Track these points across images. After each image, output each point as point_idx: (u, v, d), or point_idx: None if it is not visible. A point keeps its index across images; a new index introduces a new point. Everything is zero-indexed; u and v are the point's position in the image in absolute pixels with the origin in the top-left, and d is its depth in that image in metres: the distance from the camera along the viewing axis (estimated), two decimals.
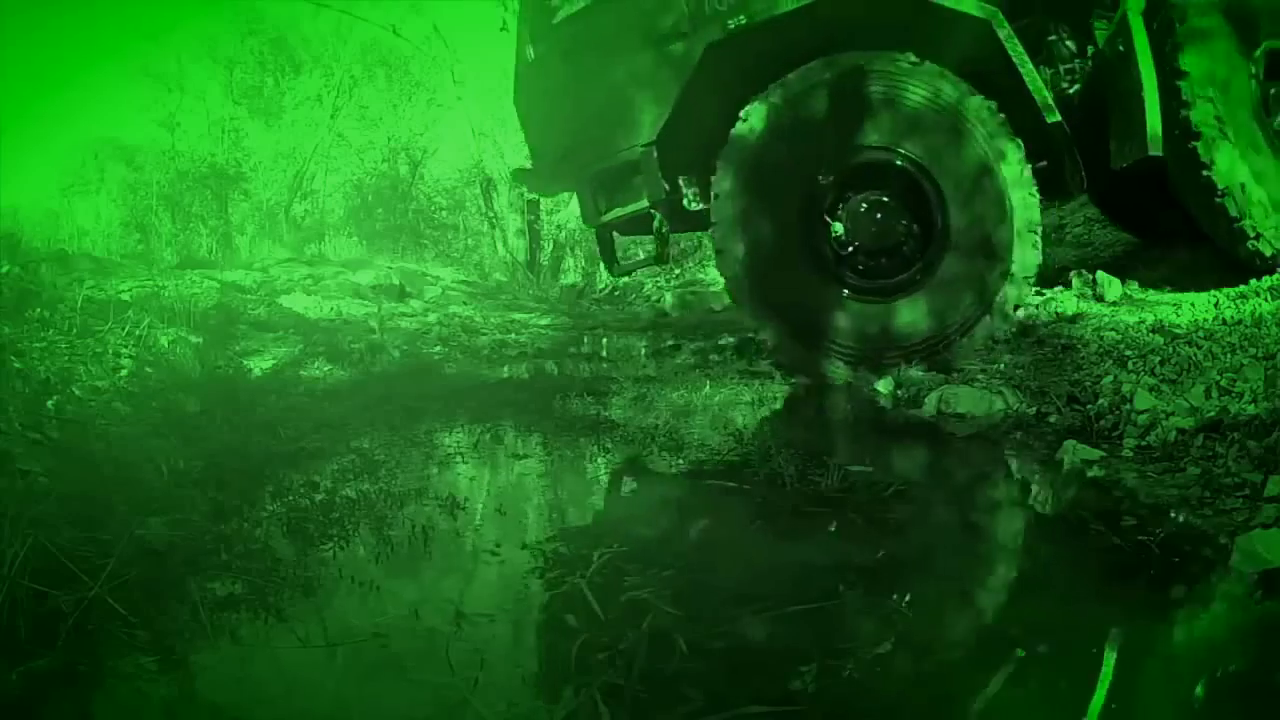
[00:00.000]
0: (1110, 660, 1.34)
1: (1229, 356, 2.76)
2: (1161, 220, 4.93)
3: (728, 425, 3.09)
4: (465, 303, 8.26)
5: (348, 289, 7.73)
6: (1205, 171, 3.65)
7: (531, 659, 1.46)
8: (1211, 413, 2.36)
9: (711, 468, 2.50)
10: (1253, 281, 3.65)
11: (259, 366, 4.28)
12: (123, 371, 3.48)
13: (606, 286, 9.67)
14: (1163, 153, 3.45)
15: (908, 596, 1.56)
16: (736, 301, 3.89)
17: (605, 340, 6.32)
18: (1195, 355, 2.85)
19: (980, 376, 3.31)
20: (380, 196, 17.03)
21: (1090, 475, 2.22)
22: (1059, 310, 3.97)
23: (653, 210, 4.10)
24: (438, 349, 5.29)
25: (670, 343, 5.44)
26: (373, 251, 13.94)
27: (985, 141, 3.40)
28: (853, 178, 3.64)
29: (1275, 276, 3.63)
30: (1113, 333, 3.39)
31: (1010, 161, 3.41)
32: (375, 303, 6.69)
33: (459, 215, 16.03)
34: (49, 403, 2.80)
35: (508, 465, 2.67)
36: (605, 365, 4.94)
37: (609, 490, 2.49)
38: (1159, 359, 2.91)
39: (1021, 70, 3.40)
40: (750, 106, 3.67)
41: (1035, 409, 2.85)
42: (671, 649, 1.34)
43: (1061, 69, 4.05)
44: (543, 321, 7.35)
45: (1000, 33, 3.37)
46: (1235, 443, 2.16)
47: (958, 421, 2.93)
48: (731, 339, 5.03)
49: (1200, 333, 3.08)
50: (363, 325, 5.84)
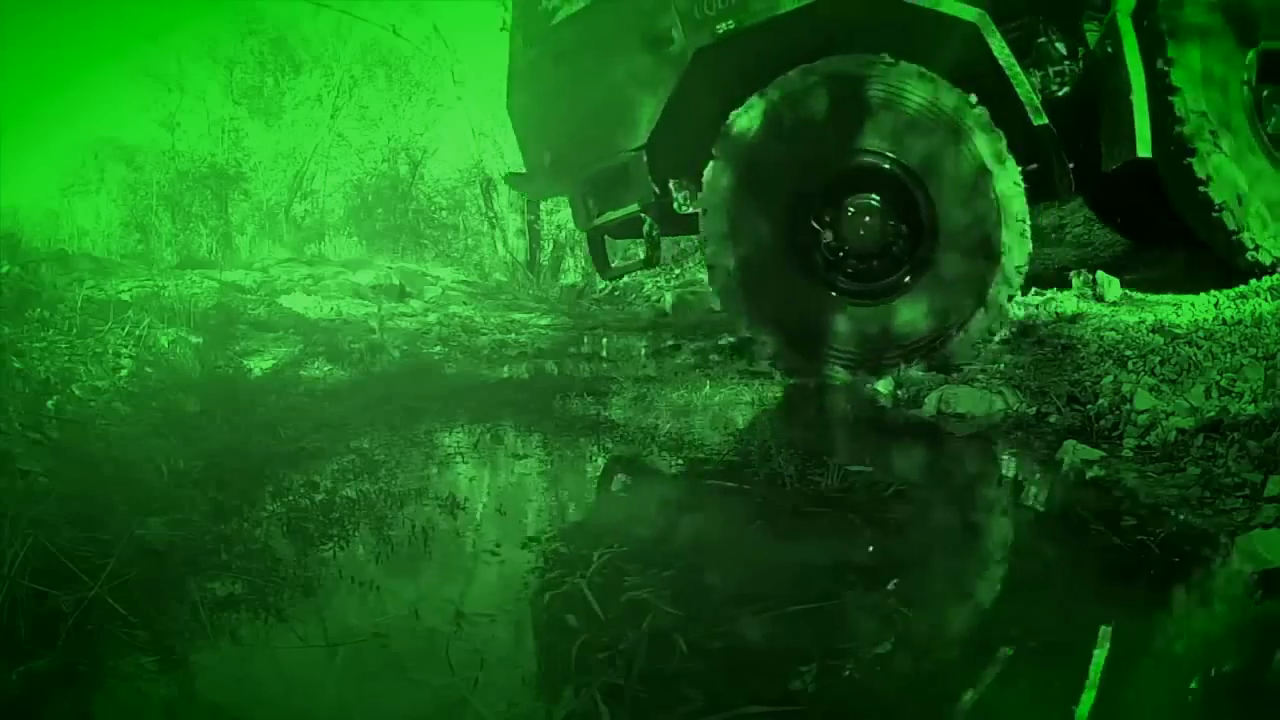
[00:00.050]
0: (1110, 660, 1.34)
1: (1229, 356, 2.76)
2: (1157, 223, 4.93)
3: (728, 425, 3.09)
4: (465, 303, 8.25)
5: (348, 289, 7.72)
6: (1201, 188, 3.65)
7: (531, 659, 1.46)
8: (1211, 413, 2.36)
9: (711, 468, 2.50)
10: (1253, 281, 3.66)
11: (259, 366, 4.28)
12: (123, 371, 3.48)
13: (606, 286, 9.67)
14: (1151, 154, 3.44)
15: (908, 596, 1.56)
16: (729, 311, 3.87)
17: (605, 340, 6.32)
18: (1195, 355, 2.85)
19: (980, 376, 3.31)
20: (380, 196, 17.05)
21: (1090, 475, 2.22)
22: (1059, 310, 3.97)
23: (643, 214, 4.11)
24: (438, 349, 5.29)
25: (670, 343, 5.44)
26: (373, 251, 13.94)
27: (967, 135, 3.40)
28: (840, 179, 3.64)
29: (1275, 276, 3.63)
30: (1113, 333, 3.39)
31: (993, 154, 3.40)
32: (375, 303, 6.68)
33: (459, 215, 16.05)
34: (49, 403, 2.80)
35: (508, 465, 2.66)
36: (605, 365, 4.93)
37: (609, 490, 2.49)
38: (1159, 359, 2.91)
39: (1008, 72, 3.40)
40: (744, 107, 3.68)
41: (1035, 409, 2.85)
42: (671, 649, 1.34)
43: (1051, 71, 4.04)
44: (543, 321, 7.35)
45: (986, 35, 3.38)
46: (1235, 443, 2.16)
47: (958, 421, 2.93)
48: (731, 339, 5.02)
49: (1200, 333, 3.08)
50: (363, 325, 5.84)
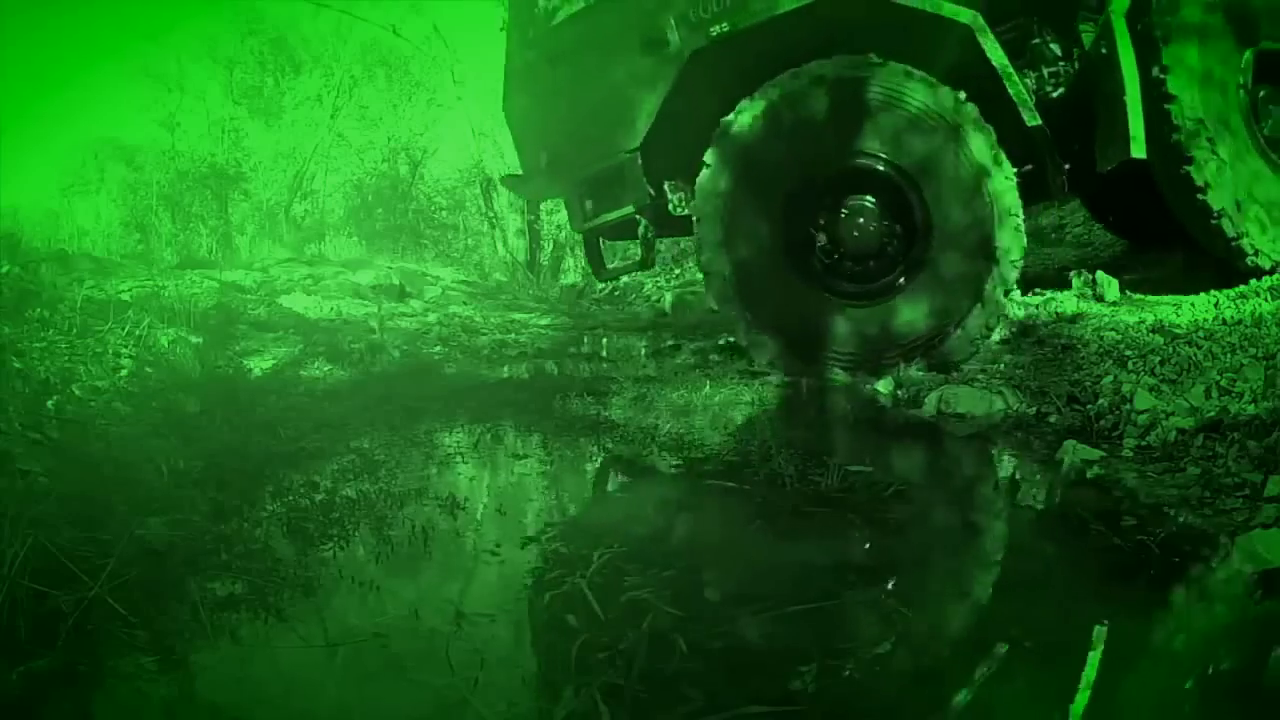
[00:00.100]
0: (1111, 660, 1.34)
1: (1229, 356, 2.75)
2: (1155, 224, 4.92)
3: (728, 425, 3.09)
4: (465, 303, 8.25)
5: (348, 289, 7.72)
6: (1200, 195, 3.65)
7: (531, 659, 1.46)
8: (1211, 413, 2.36)
9: (711, 468, 2.50)
10: (1253, 281, 3.65)
11: (259, 366, 4.28)
12: (123, 371, 3.48)
13: (606, 287, 9.66)
14: (1145, 155, 3.44)
15: (907, 596, 1.56)
16: (725, 312, 3.87)
17: (605, 340, 6.31)
18: (1195, 355, 2.85)
19: (980, 376, 3.31)
20: (380, 196, 17.05)
21: (1090, 475, 2.22)
22: (1059, 310, 3.97)
23: (638, 216, 4.11)
24: (438, 349, 5.28)
25: (670, 343, 5.43)
26: (373, 251, 13.94)
27: (958, 132, 3.39)
28: (834, 180, 3.64)
29: (1275, 277, 3.62)
30: (1113, 333, 3.39)
31: (984, 150, 3.39)
32: (375, 303, 6.68)
33: (459, 215, 16.05)
34: (49, 403, 2.80)
35: (508, 465, 2.66)
36: (605, 365, 4.93)
37: (609, 490, 2.49)
38: (1159, 359, 2.91)
39: (1001, 73, 3.40)
40: (743, 106, 3.68)
41: (1035, 409, 2.85)
42: (671, 649, 1.34)
43: (1046, 72, 4.05)
44: (543, 321, 7.34)
45: (980, 36, 3.38)
46: (1235, 443, 2.16)
47: (958, 421, 2.93)
48: (731, 338, 5.02)
49: (1200, 333, 3.08)
50: (363, 325, 5.83)
